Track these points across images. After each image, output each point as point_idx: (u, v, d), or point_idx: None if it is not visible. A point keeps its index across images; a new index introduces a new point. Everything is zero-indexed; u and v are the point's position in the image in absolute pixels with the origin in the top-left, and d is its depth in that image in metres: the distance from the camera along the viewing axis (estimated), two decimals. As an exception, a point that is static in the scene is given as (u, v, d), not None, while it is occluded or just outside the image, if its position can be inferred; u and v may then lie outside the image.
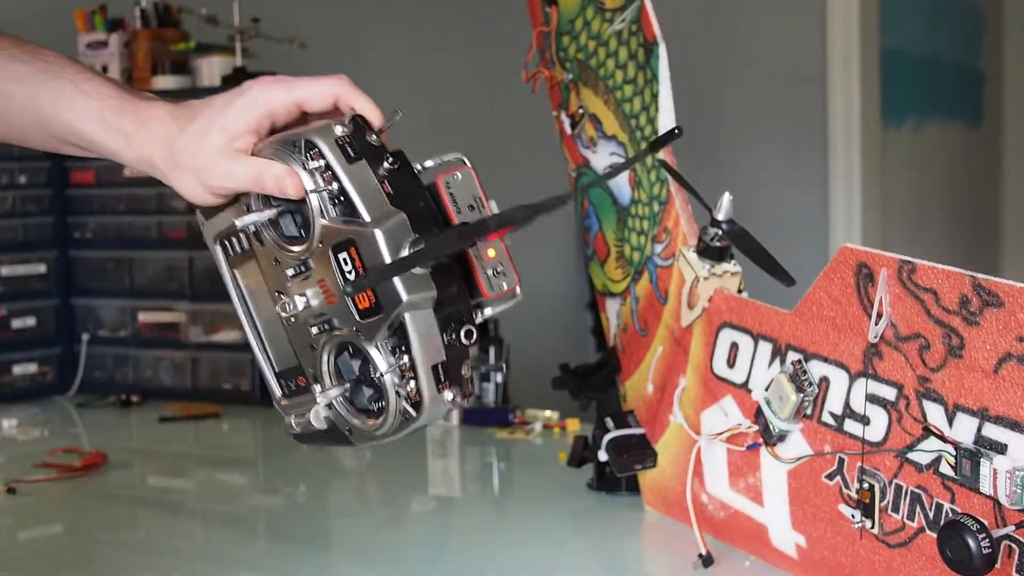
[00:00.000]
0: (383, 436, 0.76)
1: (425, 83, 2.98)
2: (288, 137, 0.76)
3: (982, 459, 0.74)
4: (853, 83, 3.27)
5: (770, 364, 0.96)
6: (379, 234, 0.72)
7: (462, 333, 0.75)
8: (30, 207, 2.02)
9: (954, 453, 0.77)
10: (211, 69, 2.13)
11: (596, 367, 1.26)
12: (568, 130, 1.26)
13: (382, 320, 0.73)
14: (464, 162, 0.79)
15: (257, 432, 1.88)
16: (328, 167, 0.74)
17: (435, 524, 1.34)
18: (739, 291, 1.04)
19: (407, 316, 0.72)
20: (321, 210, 0.74)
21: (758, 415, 0.96)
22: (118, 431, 1.85)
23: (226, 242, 0.83)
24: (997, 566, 0.73)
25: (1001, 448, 0.74)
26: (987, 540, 0.72)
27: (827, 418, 0.89)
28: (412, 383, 0.73)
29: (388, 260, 0.72)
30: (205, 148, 0.76)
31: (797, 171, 3.39)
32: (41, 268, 2.04)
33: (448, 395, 0.74)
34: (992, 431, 0.75)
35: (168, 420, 1.85)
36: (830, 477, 0.90)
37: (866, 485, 0.86)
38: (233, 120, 0.76)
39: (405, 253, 0.72)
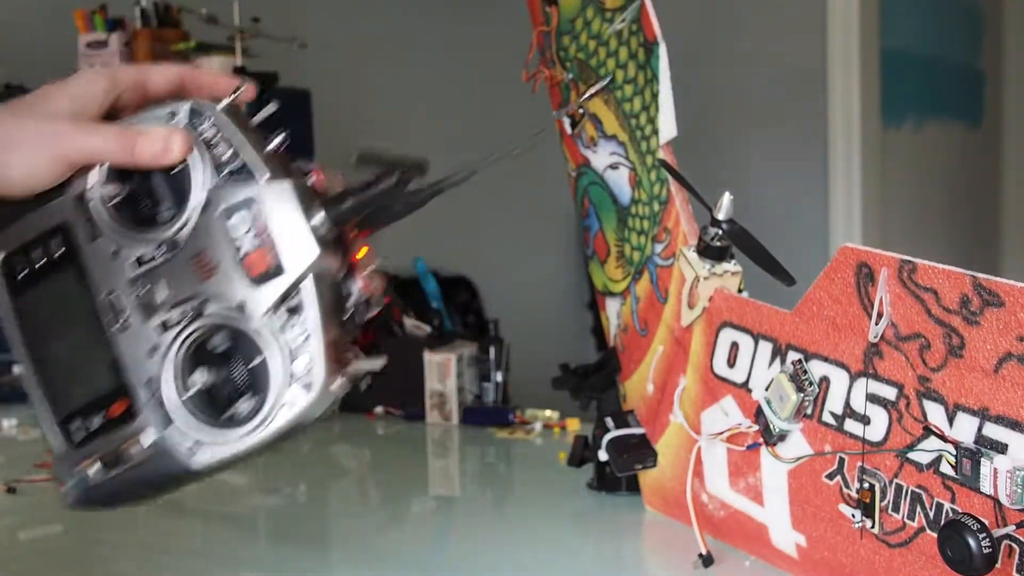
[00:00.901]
0: (247, 440, 0.67)
1: (425, 83, 2.98)
2: (155, 111, 0.69)
3: (982, 459, 0.74)
4: (853, 83, 3.28)
5: (770, 364, 0.96)
6: (287, 186, 0.66)
7: (356, 312, 0.70)
8: (30, 207, 2.01)
9: (954, 453, 0.77)
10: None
11: (596, 367, 1.26)
12: (568, 130, 1.26)
13: (281, 284, 0.66)
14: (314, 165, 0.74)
15: (257, 432, 1.88)
16: (219, 132, 0.68)
17: (435, 524, 1.34)
18: (739, 291, 1.04)
19: (309, 281, 0.66)
20: (203, 177, 0.67)
21: (758, 415, 0.96)
22: (118, 431, 1.85)
23: (15, 258, 0.71)
24: (997, 566, 0.73)
25: (1001, 448, 0.74)
26: (987, 540, 0.72)
27: (827, 418, 0.89)
28: (302, 362, 0.66)
29: (299, 215, 0.66)
30: (47, 117, 0.68)
31: (797, 171, 3.39)
32: (41, 268, 2.03)
33: (339, 381, 0.68)
34: (992, 431, 0.75)
35: (168, 420, 1.85)
36: (830, 477, 0.90)
37: (866, 485, 0.86)
38: (78, 86, 0.70)
39: (317, 217, 0.66)
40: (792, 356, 0.93)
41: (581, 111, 1.23)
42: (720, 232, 1.02)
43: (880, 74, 3.37)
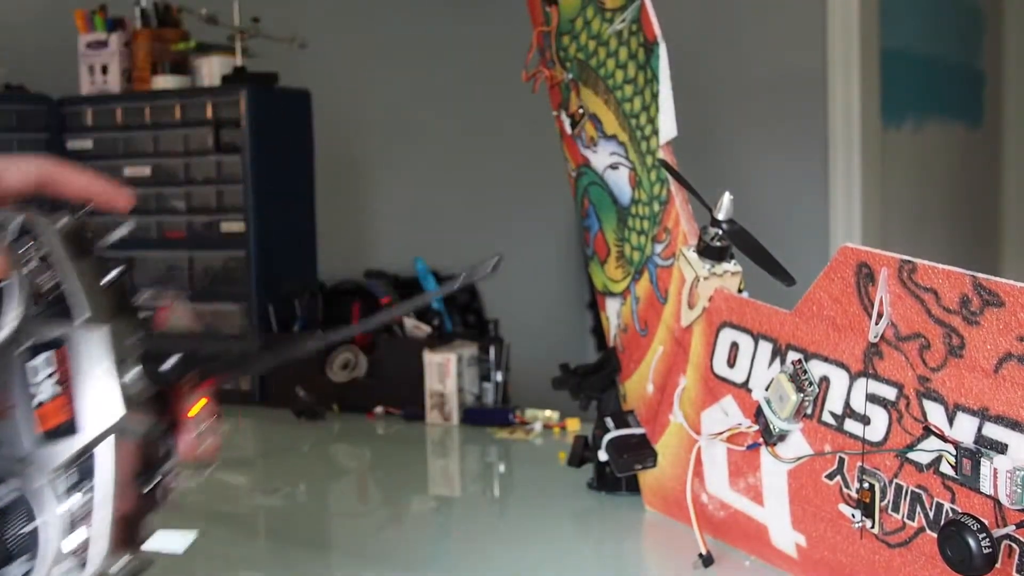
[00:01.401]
0: None
1: (425, 83, 2.98)
2: None
3: (982, 459, 0.74)
4: (853, 83, 3.27)
5: (770, 364, 0.96)
6: (104, 332, 0.58)
7: (161, 482, 0.61)
8: (30, 207, 2.01)
9: (954, 453, 0.77)
10: (211, 69, 2.14)
11: (596, 367, 1.26)
12: (568, 130, 1.26)
13: (73, 445, 0.57)
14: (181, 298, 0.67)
15: (257, 432, 1.88)
16: (46, 257, 0.59)
17: (435, 524, 1.34)
18: (739, 291, 1.04)
19: (108, 444, 0.58)
20: (16, 305, 0.58)
21: (758, 415, 0.96)
22: (118, 431, 1.85)
23: None
24: (997, 566, 0.73)
25: (1001, 448, 0.74)
26: (987, 540, 0.72)
27: (827, 418, 0.89)
28: (80, 535, 0.57)
29: (108, 368, 0.58)
30: None
31: (797, 171, 3.39)
32: (41, 268, 2.03)
33: (122, 561, 0.59)
34: (992, 431, 0.75)
35: (168, 420, 1.85)
36: (830, 477, 0.90)
37: (866, 485, 0.86)
38: None
39: (131, 372, 0.58)
40: (792, 356, 0.93)
41: (581, 110, 1.23)
42: (720, 232, 1.02)
43: (880, 74, 3.36)
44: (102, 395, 0.58)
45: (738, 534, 1.04)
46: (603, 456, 1.19)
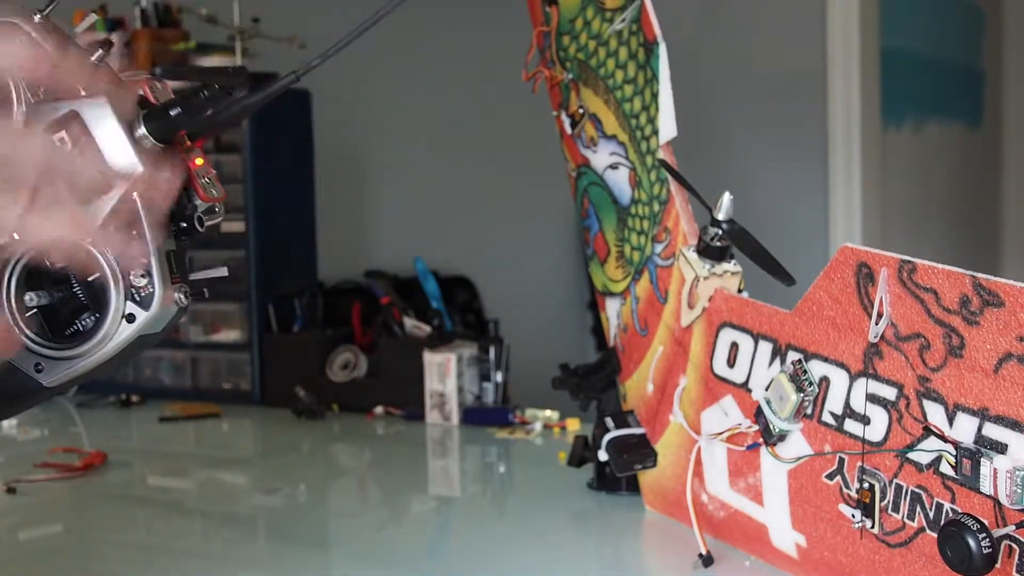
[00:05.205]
0: (91, 355, 0.66)
1: (425, 83, 2.98)
2: None
3: (982, 459, 0.74)
4: (853, 83, 3.28)
5: (770, 364, 0.96)
6: (103, 100, 0.65)
7: (194, 220, 0.69)
8: (30, 207, 2.01)
9: (954, 453, 0.77)
10: None
11: (596, 367, 1.26)
12: (568, 130, 1.26)
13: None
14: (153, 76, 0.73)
15: (257, 432, 1.88)
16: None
17: (435, 524, 1.34)
18: (739, 291, 1.04)
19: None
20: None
21: (758, 415, 0.96)
22: (118, 431, 1.85)
23: None
24: (997, 566, 0.73)
25: (1001, 448, 0.74)
26: (987, 540, 0.72)
27: (827, 418, 0.89)
28: (135, 276, 0.66)
29: (119, 130, 0.65)
30: None
31: (797, 171, 3.39)
32: (41, 268, 2.03)
33: (179, 294, 0.67)
34: (992, 431, 0.75)
35: (168, 420, 1.85)
36: (830, 477, 0.90)
37: (866, 485, 0.86)
38: None
39: (140, 130, 0.66)
40: (792, 356, 0.93)
41: (581, 110, 1.23)
42: (720, 232, 1.02)
43: (880, 74, 3.37)
44: (120, 155, 0.65)
45: (738, 534, 1.04)
46: (603, 456, 1.19)
